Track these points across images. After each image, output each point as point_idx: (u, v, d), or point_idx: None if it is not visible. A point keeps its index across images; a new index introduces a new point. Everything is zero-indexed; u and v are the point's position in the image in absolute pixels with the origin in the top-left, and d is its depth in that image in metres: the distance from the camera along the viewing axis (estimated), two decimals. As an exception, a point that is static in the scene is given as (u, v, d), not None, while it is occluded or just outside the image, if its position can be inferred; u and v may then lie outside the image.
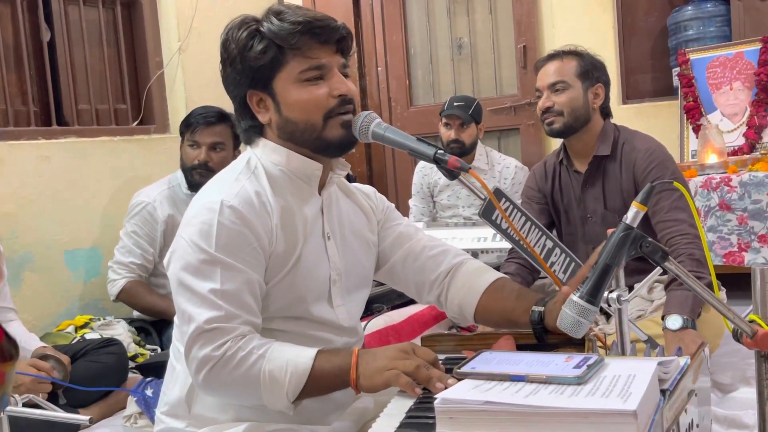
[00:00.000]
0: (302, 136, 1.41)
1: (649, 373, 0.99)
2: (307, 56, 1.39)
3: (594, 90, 2.46)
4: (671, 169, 2.36)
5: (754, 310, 1.23)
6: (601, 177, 2.46)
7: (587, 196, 2.49)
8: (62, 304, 3.30)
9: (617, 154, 2.44)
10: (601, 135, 2.46)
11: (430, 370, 1.21)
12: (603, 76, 2.50)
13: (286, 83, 1.39)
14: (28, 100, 3.40)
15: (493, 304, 1.52)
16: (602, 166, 2.46)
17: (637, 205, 1.16)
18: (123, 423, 2.43)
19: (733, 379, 2.31)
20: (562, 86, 2.43)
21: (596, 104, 2.46)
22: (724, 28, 3.87)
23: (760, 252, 3.06)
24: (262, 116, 1.43)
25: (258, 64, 1.38)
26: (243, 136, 1.50)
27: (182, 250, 1.34)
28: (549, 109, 2.44)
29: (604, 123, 2.48)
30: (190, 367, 1.31)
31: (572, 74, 2.44)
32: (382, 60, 5.02)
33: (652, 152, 2.38)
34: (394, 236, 1.62)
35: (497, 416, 0.94)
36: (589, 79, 2.45)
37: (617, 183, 2.42)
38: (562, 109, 2.42)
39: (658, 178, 2.32)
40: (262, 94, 1.42)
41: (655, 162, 2.36)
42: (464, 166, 1.37)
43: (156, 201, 3.07)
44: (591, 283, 1.14)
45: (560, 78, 2.43)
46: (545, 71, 2.49)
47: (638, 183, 2.38)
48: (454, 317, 1.62)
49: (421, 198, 3.91)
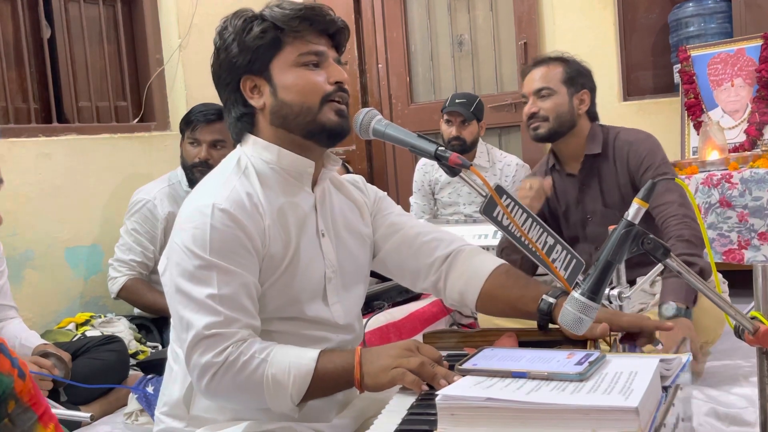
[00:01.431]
0: (296, 120, 1.40)
1: (650, 370, 0.99)
2: (306, 41, 1.39)
3: (579, 96, 2.48)
4: (660, 155, 2.42)
5: (756, 306, 1.23)
6: (597, 176, 2.48)
7: (585, 198, 2.50)
8: (63, 302, 3.30)
9: (609, 151, 2.47)
10: (590, 136, 2.49)
11: (435, 368, 1.20)
12: (589, 82, 2.53)
13: (284, 66, 1.39)
14: (29, 97, 3.40)
15: (498, 291, 1.50)
16: (596, 165, 2.48)
17: (639, 201, 1.15)
18: (124, 420, 2.43)
19: (733, 375, 2.31)
20: (547, 92, 2.46)
21: (582, 110, 2.49)
22: (725, 25, 3.86)
23: (760, 249, 3.05)
24: (256, 101, 1.42)
25: (256, 45, 1.38)
26: (232, 130, 1.48)
27: (177, 256, 1.33)
28: (534, 114, 2.47)
29: (592, 125, 2.52)
30: (192, 374, 1.30)
31: (557, 80, 2.47)
32: (382, 57, 5.01)
33: (642, 141, 2.44)
34: (387, 224, 1.60)
35: (499, 413, 0.94)
36: (575, 85, 2.48)
37: (613, 179, 2.45)
38: (548, 115, 2.45)
39: (651, 165, 2.38)
40: (258, 79, 1.41)
41: (646, 150, 2.41)
42: (465, 163, 1.37)
43: (156, 198, 3.07)
44: (592, 279, 1.14)
45: (545, 84, 2.47)
46: (531, 77, 2.52)
47: (633, 174, 2.42)
48: (453, 304, 1.60)
49: (422, 195, 3.90)
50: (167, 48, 3.96)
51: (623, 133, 2.50)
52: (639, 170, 2.40)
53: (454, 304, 1.60)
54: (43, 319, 3.15)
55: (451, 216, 3.80)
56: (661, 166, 2.39)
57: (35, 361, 2.19)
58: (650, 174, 2.36)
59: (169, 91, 3.96)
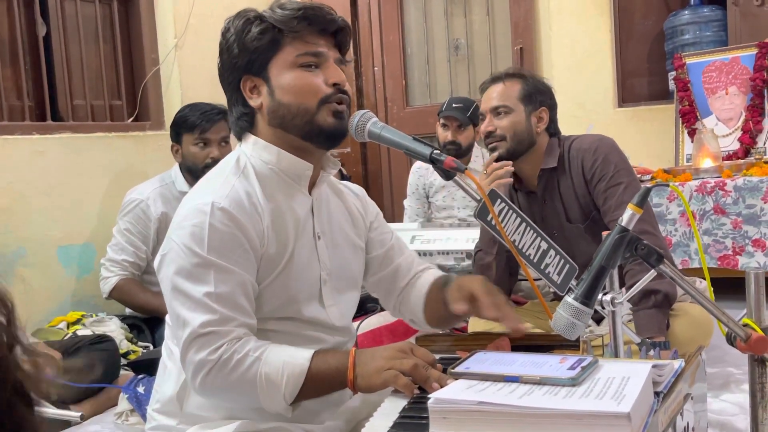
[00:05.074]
0: (293, 121, 1.40)
1: (643, 375, 0.99)
2: (305, 42, 1.39)
3: (538, 114, 2.39)
4: (614, 162, 2.31)
5: (748, 314, 1.23)
6: (557, 192, 2.41)
7: (546, 214, 2.43)
8: (54, 300, 3.29)
9: (565, 164, 2.39)
10: (547, 150, 2.40)
11: (428, 371, 1.20)
12: (548, 99, 2.43)
13: (282, 67, 1.39)
14: (23, 94, 3.39)
15: (433, 305, 1.58)
16: (553, 180, 2.41)
17: (633, 207, 1.16)
18: (114, 420, 2.42)
19: (723, 382, 2.31)
20: (504, 110, 2.37)
21: (540, 128, 2.39)
22: (721, 33, 3.88)
23: (754, 256, 3.07)
24: (254, 101, 1.42)
25: (255, 46, 1.39)
26: (234, 128, 1.49)
27: (174, 253, 1.33)
28: (491, 133, 2.39)
29: (549, 140, 2.43)
30: (187, 371, 1.30)
31: (515, 98, 2.38)
32: (378, 60, 5.02)
33: (596, 149, 2.33)
34: (386, 249, 1.64)
35: (491, 416, 0.94)
36: (533, 102, 2.39)
37: (572, 192, 2.37)
38: (505, 134, 2.37)
39: (604, 175, 2.29)
40: (256, 79, 1.41)
41: (599, 158, 2.31)
42: (460, 167, 1.37)
43: (149, 198, 3.07)
44: (586, 284, 1.14)
45: (502, 102, 2.38)
46: (488, 94, 2.43)
47: (588, 183, 2.34)
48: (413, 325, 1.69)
49: (416, 199, 3.90)
50: (163, 47, 3.95)
51: (576, 141, 2.41)
52: (592, 181, 2.32)
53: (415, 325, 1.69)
54: (34, 318, 3.13)
55: (445, 219, 3.80)
56: (615, 176, 2.28)
57: (25, 359, 2.18)
58: (603, 185, 2.28)
59: (165, 91, 3.95)
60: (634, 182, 2.29)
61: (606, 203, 2.28)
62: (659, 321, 2.12)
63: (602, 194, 2.30)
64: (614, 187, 2.27)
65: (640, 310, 2.12)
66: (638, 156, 3.78)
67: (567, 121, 3.82)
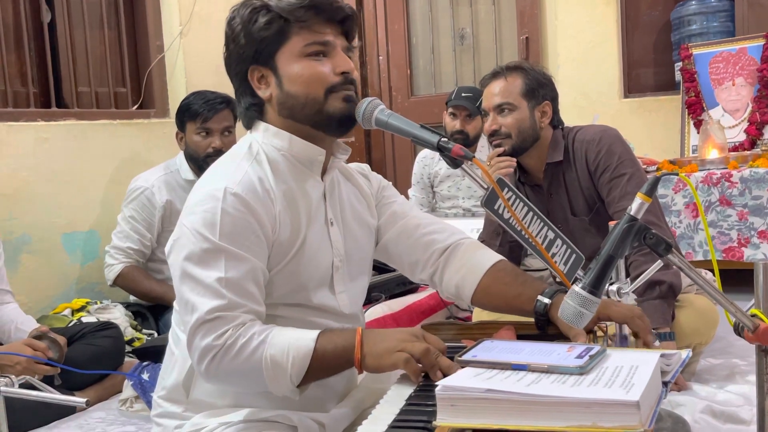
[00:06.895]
0: (302, 111, 1.39)
1: (651, 364, 0.99)
2: (313, 31, 1.38)
3: (541, 108, 2.37)
4: (618, 152, 2.30)
5: (756, 304, 1.22)
6: (562, 185, 2.40)
7: (552, 207, 2.42)
8: (59, 287, 3.29)
9: (570, 157, 2.37)
10: (552, 143, 2.39)
11: (438, 358, 1.20)
12: (550, 92, 2.41)
13: (289, 57, 1.38)
14: (28, 81, 3.39)
15: (495, 287, 1.49)
16: (559, 174, 2.39)
17: (642, 196, 1.15)
18: (119, 406, 2.43)
19: (729, 373, 2.31)
20: (508, 108, 2.35)
21: (544, 122, 2.38)
22: (728, 24, 3.86)
23: (760, 248, 3.06)
24: (263, 92, 1.41)
25: (262, 36, 1.37)
26: (243, 118, 1.48)
27: (185, 238, 1.32)
28: (496, 132, 2.37)
29: (554, 132, 2.41)
30: (193, 357, 1.30)
31: (517, 94, 2.36)
32: (383, 49, 5.00)
33: (599, 140, 2.32)
34: (389, 213, 1.60)
35: (499, 404, 0.93)
36: (536, 97, 2.36)
37: (577, 185, 2.36)
38: (510, 132, 2.35)
39: (608, 167, 2.28)
40: (264, 69, 1.40)
41: (603, 149, 2.30)
42: (468, 155, 1.36)
43: (154, 186, 3.06)
44: (594, 273, 1.13)
45: (505, 99, 2.35)
46: (490, 91, 2.40)
47: (592, 175, 2.33)
48: (449, 297, 1.60)
49: (420, 188, 3.90)
50: (168, 35, 3.94)
51: (580, 132, 2.39)
52: (596, 172, 2.31)
53: (450, 297, 1.60)
54: (39, 304, 3.14)
55: (449, 209, 3.79)
56: (618, 167, 2.27)
57: (29, 343, 2.19)
58: (607, 176, 2.27)
59: (169, 79, 3.94)
60: (638, 173, 2.28)
61: (610, 194, 2.28)
62: (664, 312, 2.12)
63: (606, 185, 2.29)
64: (618, 178, 2.27)
65: (646, 301, 2.12)
66: (644, 147, 3.77)
67: (572, 111, 3.82)
